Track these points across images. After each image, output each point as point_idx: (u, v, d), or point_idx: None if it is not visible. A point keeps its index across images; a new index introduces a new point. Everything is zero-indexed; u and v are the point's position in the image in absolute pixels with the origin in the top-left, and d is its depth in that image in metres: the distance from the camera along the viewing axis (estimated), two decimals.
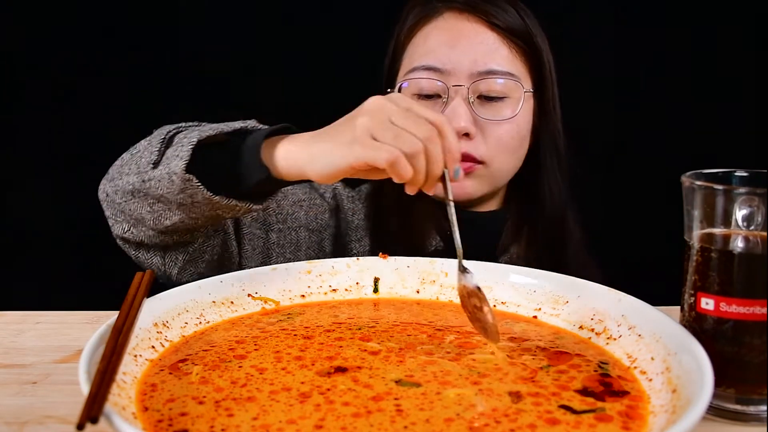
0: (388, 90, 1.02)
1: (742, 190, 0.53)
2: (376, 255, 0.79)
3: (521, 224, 1.05)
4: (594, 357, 0.60)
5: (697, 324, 0.55)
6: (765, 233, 0.54)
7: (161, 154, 0.75)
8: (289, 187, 1.02)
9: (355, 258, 0.78)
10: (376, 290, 0.77)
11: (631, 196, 1.68)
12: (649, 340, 0.58)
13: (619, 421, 0.49)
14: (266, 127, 0.75)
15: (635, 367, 0.57)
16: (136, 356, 0.57)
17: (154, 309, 0.63)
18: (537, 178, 1.04)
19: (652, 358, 0.56)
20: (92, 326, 0.76)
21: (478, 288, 0.63)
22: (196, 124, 0.81)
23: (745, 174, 0.56)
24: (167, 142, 0.76)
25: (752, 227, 0.54)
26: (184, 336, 0.64)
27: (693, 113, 1.64)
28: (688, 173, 0.56)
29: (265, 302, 0.73)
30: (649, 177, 1.51)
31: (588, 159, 1.66)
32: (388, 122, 0.63)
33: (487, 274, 0.74)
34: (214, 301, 0.69)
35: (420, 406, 0.51)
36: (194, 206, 0.74)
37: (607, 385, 0.54)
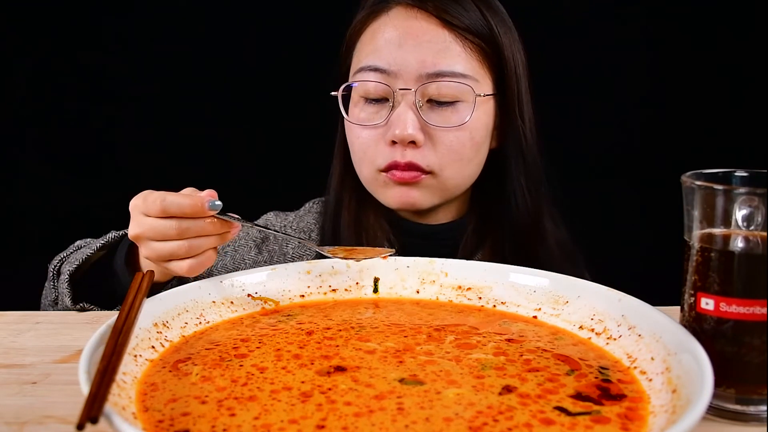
0: (342, 88, 0.93)
1: (742, 190, 0.53)
2: None
3: (484, 234, 0.98)
4: (594, 361, 0.59)
5: (697, 324, 0.55)
6: (765, 233, 0.53)
7: (56, 289, 0.88)
8: None
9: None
10: (376, 290, 0.77)
11: (631, 196, 1.68)
12: (649, 340, 0.58)
13: (617, 422, 0.49)
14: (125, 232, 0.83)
15: (635, 368, 0.57)
16: (136, 356, 0.57)
17: (154, 309, 0.63)
18: (500, 184, 0.96)
19: (652, 358, 0.56)
20: (92, 326, 0.76)
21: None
22: (74, 248, 0.92)
23: (745, 174, 0.56)
24: (57, 276, 0.89)
25: (752, 227, 0.53)
26: (184, 336, 0.64)
27: (693, 112, 1.64)
28: (688, 173, 0.56)
29: (265, 302, 0.73)
30: (649, 177, 1.51)
31: (588, 160, 1.67)
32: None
33: (486, 274, 0.74)
34: (214, 301, 0.70)
35: (421, 405, 0.51)
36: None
37: (605, 390, 0.54)
